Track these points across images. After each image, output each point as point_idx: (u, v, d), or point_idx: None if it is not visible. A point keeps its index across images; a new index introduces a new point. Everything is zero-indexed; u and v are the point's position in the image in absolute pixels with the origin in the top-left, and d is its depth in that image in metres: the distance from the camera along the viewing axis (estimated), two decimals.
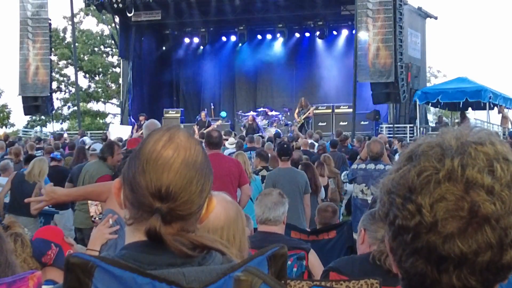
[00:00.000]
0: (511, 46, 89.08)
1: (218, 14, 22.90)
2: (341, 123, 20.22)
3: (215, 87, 26.51)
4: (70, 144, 15.06)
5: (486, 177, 0.93)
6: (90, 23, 56.51)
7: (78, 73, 28.03)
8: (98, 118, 38.51)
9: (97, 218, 3.57)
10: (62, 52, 36.05)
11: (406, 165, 0.99)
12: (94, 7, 23.93)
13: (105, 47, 38.46)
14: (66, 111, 37.99)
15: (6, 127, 34.81)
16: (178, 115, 23.07)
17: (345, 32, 23.84)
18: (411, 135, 19.62)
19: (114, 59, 37.84)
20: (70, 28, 33.48)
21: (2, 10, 75.41)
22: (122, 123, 23.95)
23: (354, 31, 20.08)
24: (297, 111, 20.03)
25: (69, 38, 36.49)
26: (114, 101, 38.47)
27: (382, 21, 18.60)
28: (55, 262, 3.18)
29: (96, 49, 38.17)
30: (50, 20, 22.57)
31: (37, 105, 21.96)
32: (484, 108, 21.40)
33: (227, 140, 13.57)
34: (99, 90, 38.26)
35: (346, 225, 5.49)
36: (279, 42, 25.04)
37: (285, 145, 7.94)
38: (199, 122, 19.99)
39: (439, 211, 0.92)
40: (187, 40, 25.99)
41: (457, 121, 24.95)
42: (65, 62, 37.20)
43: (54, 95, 27.22)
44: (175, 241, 1.23)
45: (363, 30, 18.90)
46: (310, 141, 13.55)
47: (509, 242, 0.92)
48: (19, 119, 43.23)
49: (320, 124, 20.55)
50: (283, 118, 21.00)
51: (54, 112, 25.18)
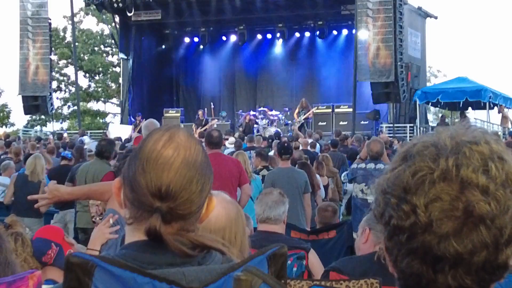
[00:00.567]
0: (511, 46, 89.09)
1: (218, 13, 22.89)
2: (341, 123, 20.21)
3: (215, 87, 26.49)
4: (70, 143, 15.06)
5: (481, 176, 0.92)
6: (90, 23, 56.45)
7: (78, 72, 28.00)
8: (98, 118, 38.49)
9: (98, 219, 3.56)
10: (62, 51, 36.04)
11: (401, 165, 0.99)
12: (94, 7, 23.93)
13: (105, 47, 38.43)
14: (66, 111, 37.98)
15: (6, 127, 34.83)
16: (178, 115, 23.06)
17: (345, 31, 23.83)
18: (411, 135, 19.61)
19: (114, 59, 37.82)
20: (70, 27, 33.48)
21: (2, 10, 75.40)
22: (122, 123, 23.96)
23: (354, 31, 20.07)
24: (297, 111, 20.02)
25: (69, 38, 36.48)
26: (114, 100, 38.45)
27: (382, 20, 18.58)
28: (56, 261, 3.18)
29: (96, 48, 38.14)
30: (50, 19, 22.55)
31: (37, 104, 21.93)
32: (484, 107, 21.39)
33: (227, 139, 13.58)
34: (99, 89, 38.23)
35: (346, 224, 5.50)
36: (279, 42, 25.03)
37: (285, 144, 7.92)
38: (197, 121, 20.08)
39: (434, 211, 0.92)
40: (187, 39, 25.98)
41: (457, 120, 24.93)
42: (65, 61, 37.17)
43: (54, 95, 27.24)
44: (175, 240, 1.23)
45: (363, 30, 18.88)
46: (310, 140, 13.54)
47: (504, 241, 0.92)
48: (19, 119, 43.25)
49: (320, 123, 20.54)
50: (283, 117, 20.99)
51: (54, 111, 25.13)
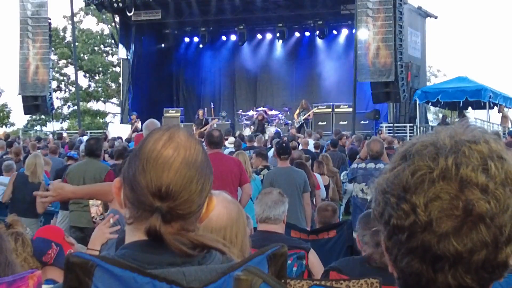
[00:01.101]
0: (511, 46, 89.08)
1: (218, 13, 22.89)
2: (341, 123, 20.20)
3: (215, 87, 26.49)
4: (70, 143, 15.07)
5: (480, 175, 0.93)
6: (90, 23, 56.47)
7: (78, 72, 28.00)
8: (98, 118, 38.50)
9: (98, 219, 3.55)
10: (62, 51, 36.04)
11: (400, 164, 0.99)
12: (94, 7, 23.91)
13: (105, 47, 38.43)
14: (66, 111, 38.00)
15: (6, 127, 34.83)
16: (178, 115, 23.06)
17: (345, 31, 23.82)
18: (411, 135, 19.60)
19: (114, 59, 37.81)
20: (70, 27, 33.49)
21: (2, 10, 75.39)
22: (122, 122, 23.95)
23: (354, 31, 20.06)
24: (297, 112, 20.01)
25: (69, 38, 36.48)
26: (114, 100, 38.46)
27: (382, 20, 18.57)
28: (56, 261, 3.18)
29: (96, 48, 38.14)
30: (50, 19, 22.55)
31: (37, 104, 21.93)
32: (484, 107, 21.39)
33: (227, 139, 13.58)
34: (99, 89, 38.24)
35: (346, 224, 5.49)
36: (279, 42, 25.01)
37: (284, 144, 7.91)
38: (197, 120, 20.10)
39: (434, 210, 0.92)
40: (187, 39, 25.97)
41: (457, 120, 24.93)
42: (65, 61, 37.18)
43: (54, 95, 27.23)
44: (175, 240, 1.23)
45: (363, 29, 18.87)
46: (309, 140, 13.52)
47: (504, 240, 0.93)
48: (19, 119, 43.27)
49: (320, 123, 20.54)
50: (283, 117, 20.99)
51: (54, 111, 25.12)
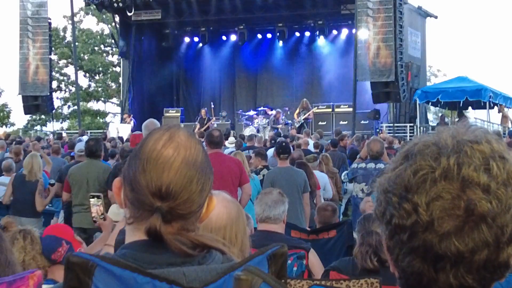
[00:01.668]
0: (511, 45, 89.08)
1: (218, 13, 22.88)
2: (341, 122, 20.20)
3: (215, 87, 26.49)
4: (70, 143, 15.07)
5: (482, 175, 0.93)
6: (90, 22, 56.54)
7: (78, 72, 28.00)
8: (98, 117, 38.52)
9: (98, 219, 3.55)
10: (62, 51, 36.06)
11: (402, 164, 0.99)
12: (94, 6, 23.91)
13: (105, 46, 38.45)
14: (66, 110, 38.01)
15: (6, 127, 34.84)
16: (178, 114, 23.06)
17: (345, 31, 23.81)
18: (411, 135, 19.61)
19: (114, 58, 37.83)
20: (70, 27, 33.52)
21: (2, 10, 75.40)
22: (122, 122, 23.94)
23: (354, 30, 20.06)
24: (297, 112, 19.99)
25: (69, 37, 36.51)
26: (114, 100, 38.47)
27: (382, 20, 18.57)
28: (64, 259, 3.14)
29: (96, 48, 38.16)
30: (50, 19, 22.54)
31: (37, 104, 21.93)
32: (484, 107, 21.39)
33: (227, 139, 13.57)
34: (99, 89, 38.25)
35: (346, 224, 5.49)
36: (279, 42, 25.01)
37: (283, 143, 7.90)
38: (199, 120, 20.16)
39: (436, 210, 0.92)
40: (187, 39, 25.97)
41: (457, 120, 24.94)
42: (65, 61, 37.19)
43: (54, 94, 27.19)
44: (176, 240, 1.23)
45: (363, 29, 18.87)
46: (308, 139, 13.50)
47: (505, 240, 0.93)
48: (19, 119, 43.28)
49: (320, 123, 20.53)
50: (283, 117, 20.99)
51: (54, 111, 25.13)
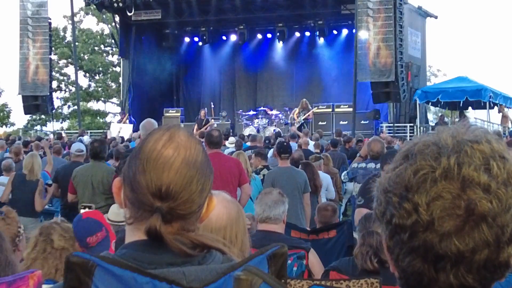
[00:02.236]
0: (511, 45, 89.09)
1: (218, 13, 22.88)
2: (341, 122, 20.19)
3: (215, 87, 26.50)
4: (70, 143, 15.06)
5: (483, 175, 0.93)
6: (90, 22, 56.54)
7: (78, 72, 28.00)
8: (98, 117, 38.53)
9: None
10: (62, 51, 36.06)
11: (402, 163, 0.99)
12: (94, 6, 23.92)
13: (105, 46, 38.46)
14: (66, 110, 38.03)
15: (6, 126, 34.86)
16: (178, 114, 23.06)
17: (345, 31, 23.83)
18: (411, 135, 19.61)
19: (114, 58, 37.86)
20: (70, 27, 33.53)
21: (2, 9, 75.41)
22: (118, 122, 23.92)
23: (354, 30, 20.06)
24: (296, 112, 19.97)
25: (69, 37, 36.52)
26: (114, 100, 38.48)
27: (382, 20, 18.58)
28: (99, 245, 3.07)
29: (96, 48, 38.18)
30: (50, 19, 22.55)
31: (37, 104, 21.93)
32: (484, 107, 21.39)
33: (227, 139, 13.57)
34: (99, 89, 38.27)
35: (346, 224, 5.48)
36: (279, 42, 25.01)
37: (284, 143, 7.91)
38: (198, 120, 20.18)
39: (436, 210, 0.92)
40: (187, 39, 25.98)
41: (457, 120, 24.94)
42: (65, 61, 37.21)
43: (54, 94, 27.22)
44: (175, 240, 1.23)
45: (364, 29, 18.87)
46: (307, 139, 13.48)
47: (506, 240, 0.93)
48: (19, 118, 43.30)
49: (320, 123, 20.53)
50: (283, 117, 20.99)
51: (54, 111, 25.15)
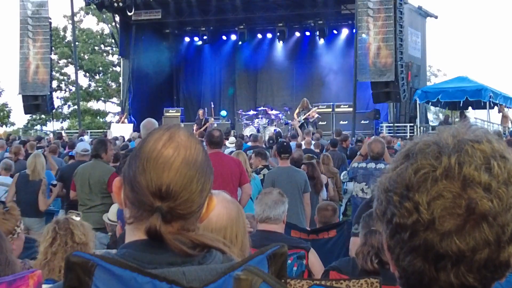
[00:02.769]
0: (511, 46, 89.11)
1: (218, 13, 22.89)
2: (341, 122, 20.19)
3: (215, 86, 26.50)
4: (70, 143, 15.05)
5: (483, 174, 0.93)
6: (91, 22, 56.60)
7: (78, 72, 28.03)
8: (98, 117, 38.54)
9: None
10: (62, 51, 36.07)
11: (403, 163, 0.99)
12: (95, 6, 23.93)
13: (105, 46, 38.48)
14: (66, 110, 38.05)
15: (6, 126, 34.84)
16: (178, 114, 23.07)
17: (345, 31, 23.84)
18: (411, 135, 19.60)
19: (114, 58, 37.87)
20: (70, 27, 33.51)
21: (2, 9, 75.43)
22: (117, 122, 23.93)
23: (354, 30, 20.06)
24: (297, 111, 19.95)
25: (69, 37, 36.53)
26: (114, 100, 38.49)
27: (382, 20, 18.58)
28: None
29: (96, 48, 38.19)
30: (51, 19, 22.57)
31: (37, 104, 21.93)
32: (484, 107, 21.40)
33: (228, 139, 13.56)
34: (99, 89, 38.28)
35: (346, 224, 5.48)
36: (279, 41, 25.02)
37: (284, 143, 7.91)
38: (197, 120, 20.19)
39: (437, 209, 0.92)
40: (187, 39, 25.99)
41: (457, 120, 24.95)
42: (65, 61, 37.22)
43: (54, 94, 27.26)
44: (176, 240, 1.23)
45: (364, 29, 18.88)
46: (309, 139, 13.49)
47: (506, 239, 0.93)
48: (19, 118, 43.29)
49: (320, 123, 20.53)
50: (283, 117, 20.99)
51: (54, 111, 25.16)
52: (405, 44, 19.35)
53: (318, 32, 23.68)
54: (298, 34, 24.84)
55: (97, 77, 38.30)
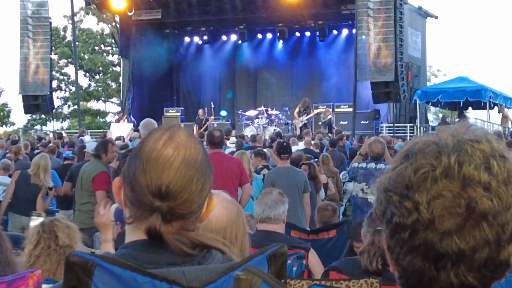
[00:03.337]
0: (511, 46, 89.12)
1: (219, 13, 22.89)
2: (341, 122, 20.19)
3: (215, 86, 26.50)
4: (70, 143, 15.06)
5: (483, 173, 0.93)
6: (91, 22, 56.59)
7: (78, 72, 28.00)
8: (98, 117, 38.55)
9: None
10: (62, 51, 36.08)
11: (403, 162, 0.99)
12: (95, 6, 23.92)
13: (105, 46, 38.48)
14: (66, 110, 38.06)
15: (6, 126, 34.85)
16: (178, 114, 23.04)
17: (345, 31, 23.83)
18: (411, 135, 19.60)
19: (115, 58, 37.87)
20: (70, 27, 33.52)
21: (2, 9, 75.43)
22: (116, 122, 23.91)
23: (354, 31, 20.06)
24: (297, 110, 19.93)
25: (69, 37, 36.55)
26: (114, 100, 38.49)
27: (382, 20, 18.57)
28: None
29: (96, 48, 38.19)
30: (51, 19, 22.54)
31: (37, 104, 21.92)
32: (484, 107, 21.40)
33: (229, 139, 13.56)
34: (99, 89, 38.29)
35: (346, 224, 5.48)
36: (280, 42, 25.01)
37: (284, 143, 7.91)
38: (197, 120, 20.18)
39: (436, 208, 0.93)
40: (188, 39, 25.97)
41: (457, 120, 24.95)
42: (65, 61, 37.22)
43: (54, 94, 27.23)
44: (175, 240, 1.23)
45: (364, 30, 18.87)
46: (309, 139, 13.49)
47: (506, 238, 0.93)
48: (19, 118, 43.29)
49: (320, 123, 20.52)
50: (283, 117, 20.98)
51: (54, 111, 25.13)
52: (405, 44, 19.35)
53: (318, 32, 23.67)
54: (298, 34, 24.83)
55: (97, 77, 38.31)
